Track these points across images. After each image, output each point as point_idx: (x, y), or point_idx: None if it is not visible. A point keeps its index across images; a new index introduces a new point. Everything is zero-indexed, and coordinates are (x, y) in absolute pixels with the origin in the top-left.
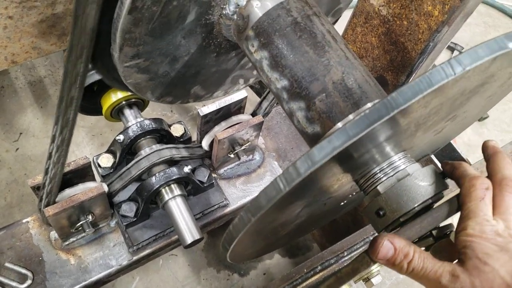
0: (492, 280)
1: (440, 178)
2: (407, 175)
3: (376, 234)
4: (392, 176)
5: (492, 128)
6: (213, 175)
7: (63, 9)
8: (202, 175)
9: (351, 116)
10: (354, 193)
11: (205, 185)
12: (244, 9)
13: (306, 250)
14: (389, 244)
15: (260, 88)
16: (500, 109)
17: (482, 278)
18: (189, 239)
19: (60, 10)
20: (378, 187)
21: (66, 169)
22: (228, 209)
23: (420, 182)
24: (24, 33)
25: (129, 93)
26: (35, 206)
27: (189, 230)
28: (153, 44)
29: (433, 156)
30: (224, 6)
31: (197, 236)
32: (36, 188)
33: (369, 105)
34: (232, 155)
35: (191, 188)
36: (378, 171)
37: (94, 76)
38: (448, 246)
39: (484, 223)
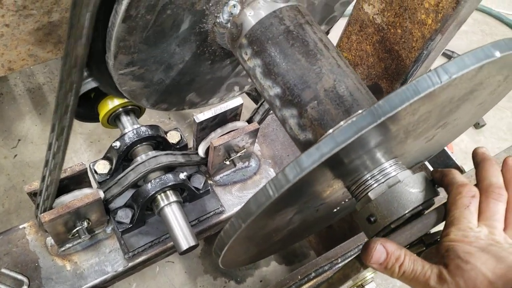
0: (475, 278)
1: (431, 185)
2: (398, 182)
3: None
4: (383, 182)
5: (489, 135)
6: (209, 181)
7: (59, 17)
8: (198, 181)
9: (342, 123)
10: (346, 200)
11: (200, 191)
12: (237, 18)
13: (302, 257)
14: (382, 248)
15: (257, 95)
16: (497, 117)
17: (465, 277)
18: (184, 246)
19: (56, 18)
20: (369, 194)
21: (63, 175)
22: (223, 216)
23: (411, 189)
24: (21, 40)
25: (126, 100)
26: (32, 212)
27: (184, 237)
28: (147, 52)
29: (427, 163)
30: (218, 15)
31: (192, 242)
32: (33, 194)
33: (360, 112)
34: (227, 162)
35: (187, 195)
36: (369, 178)
37: (90, 84)
38: (438, 252)
39: (467, 230)
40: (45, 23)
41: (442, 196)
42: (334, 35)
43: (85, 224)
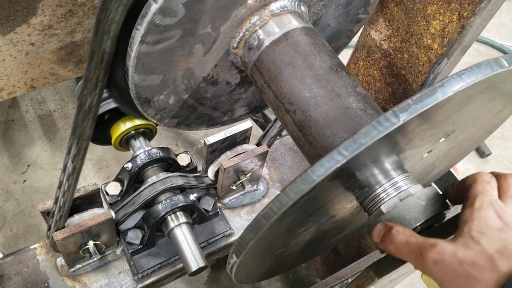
0: (478, 256)
1: (442, 199)
2: (409, 195)
3: (382, 255)
4: (394, 196)
5: (494, 164)
6: (218, 204)
7: (81, 37)
8: (207, 203)
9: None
10: (357, 216)
11: (210, 213)
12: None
13: (310, 286)
14: (381, 225)
15: (264, 122)
16: (502, 146)
17: (469, 254)
18: (194, 267)
19: (79, 38)
20: (381, 207)
21: (76, 195)
22: (232, 239)
23: (422, 202)
24: (44, 59)
25: (138, 123)
26: (40, 237)
27: (194, 258)
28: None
29: (433, 185)
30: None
31: (202, 263)
32: (46, 213)
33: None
34: (234, 187)
35: (196, 217)
36: (381, 192)
37: (106, 106)
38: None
39: (493, 200)
40: (68, 43)
41: (452, 210)
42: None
43: (96, 243)
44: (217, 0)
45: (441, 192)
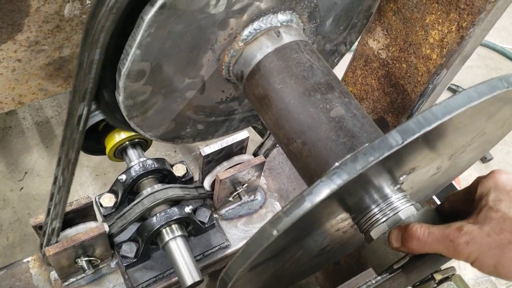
0: (502, 223)
1: (440, 218)
2: (409, 216)
3: (377, 277)
4: (391, 217)
5: None
6: (215, 215)
7: (69, 53)
8: (203, 215)
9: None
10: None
11: (206, 225)
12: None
13: None
14: (396, 229)
15: (262, 129)
16: (504, 151)
17: (493, 224)
18: (189, 281)
19: (67, 53)
20: (371, 233)
21: (68, 208)
22: (229, 251)
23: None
24: (32, 75)
25: (132, 134)
26: (37, 246)
27: (189, 272)
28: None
29: (435, 198)
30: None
31: (197, 278)
32: (38, 228)
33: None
34: (231, 199)
35: (192, 229)
36: (377, 212)
37: (97, 117)
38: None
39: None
40: (56, 58)
41: None
42: (339, 70)
43: (90, 258)
44: (175, 64)
45: None
